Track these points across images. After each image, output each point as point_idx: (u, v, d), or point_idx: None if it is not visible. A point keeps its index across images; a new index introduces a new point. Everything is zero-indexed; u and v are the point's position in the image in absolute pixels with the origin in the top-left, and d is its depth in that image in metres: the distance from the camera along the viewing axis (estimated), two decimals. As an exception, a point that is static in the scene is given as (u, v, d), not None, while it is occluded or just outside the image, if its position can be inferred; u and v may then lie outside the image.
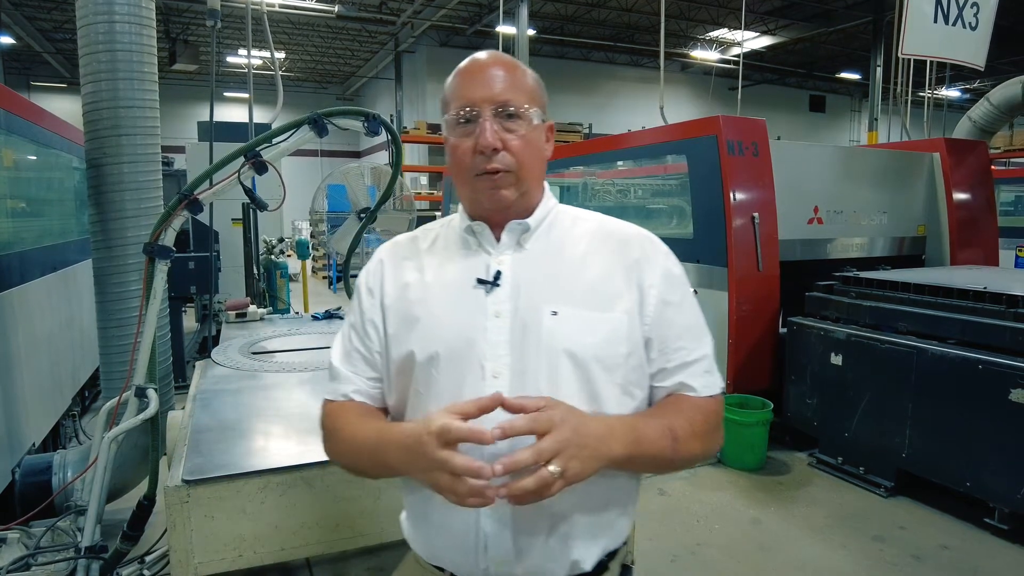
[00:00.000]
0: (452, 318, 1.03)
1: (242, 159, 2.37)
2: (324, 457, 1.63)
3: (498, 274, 1.04)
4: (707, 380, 1.06)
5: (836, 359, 3.88)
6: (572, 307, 1.01)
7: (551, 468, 0.84)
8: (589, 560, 1.03)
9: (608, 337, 1.01)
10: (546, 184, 1.14)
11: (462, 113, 1.02)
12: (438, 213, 10.69)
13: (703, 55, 17.87)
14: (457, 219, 1.13)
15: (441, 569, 1.07)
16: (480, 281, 1.04)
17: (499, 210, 1.06)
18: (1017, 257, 7.31)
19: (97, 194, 2.99)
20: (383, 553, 2.74)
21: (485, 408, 0.90)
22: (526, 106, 1.03)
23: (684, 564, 2.99)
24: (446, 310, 1.04)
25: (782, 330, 4.38)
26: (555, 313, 1.01)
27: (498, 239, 1.07)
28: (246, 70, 5.17)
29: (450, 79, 1.07)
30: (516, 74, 1.05)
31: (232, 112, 17.67)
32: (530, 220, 1.07)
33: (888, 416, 3.59)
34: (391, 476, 1.06)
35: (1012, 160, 16.04)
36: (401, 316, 1.08)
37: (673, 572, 2.92)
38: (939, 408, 3.36)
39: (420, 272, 1.10)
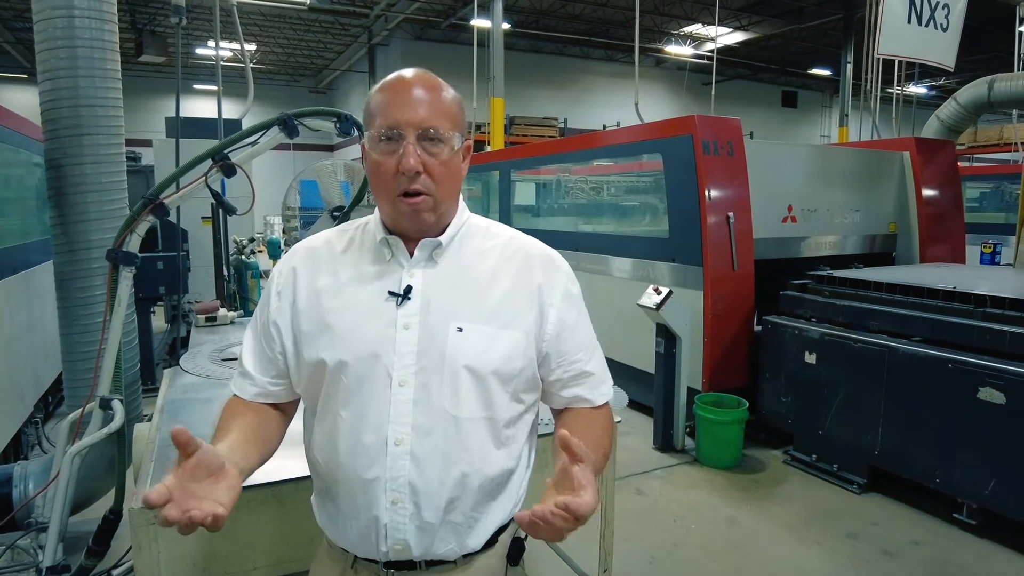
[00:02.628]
0: (363, 328, 1.09)
1: (210, 162, 2.30)
2: (295, 473, 1.62)
3: (409, 288, 1.09)
4: (603, 389, 1.20)
5: (810, 358, 3.93)
6: (476, 323, 1.08)
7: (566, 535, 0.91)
8: (479, 540, 1.13)
9: (507, 354, 1.09)
10: (461, 198, 1.19)
11: (385, 132, 1.05)
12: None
13: (677, 50, 17.98)
14: (372, 225, 1.16)
15: (346, 551, 1.16)
16: (391, 293, 1.09)
17: (417, 231, 1.11)
18: (982, 253, 7.48)
19: (58, 196, 2.88)
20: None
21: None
22: (448, 131, 1.07)
23: (662, 565, 3.00)
24: (358, 319, 1.09)
25: (756, 328, 4.42)
26: (460, 329, 1.07)
27: (411, 253, 1.12)
28: (215, 63, 5.05)
29: (375, 92, 1.10)
30: (440, 97, 1.08)
31: (201, 106, 17.30)
32: (442, 238, 1.12)
33: (861, 414, 3.64)
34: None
35: (975, 156, 16.45)
36: (314, 321, 1.12)
37: (651, 573, 2.93)
38: (910, 406, 3.42)
39: (334, 277, 1.14)
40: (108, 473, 2.85)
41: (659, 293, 4.09)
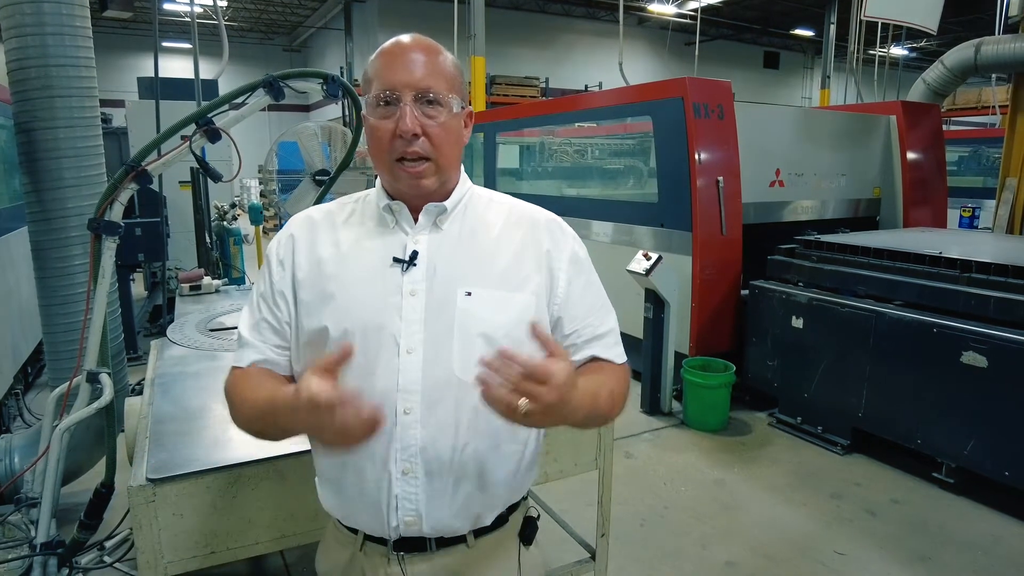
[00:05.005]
0: (368, 295, 1.07)
1: (193, 126, 2.21)
2: (296, 448, 1.60)
3: (414, 254, 1.07)
4: (617, 351, 1.17)
5: (797, 322, 3.97)
6: (485, 288, 1.07)
7: (521, 403, 0.87)
8: (490, 516, 1.13)
9: (518, 316, 1.06)
10: (462, 168, 1.17)
11: (382, 96, 1.03)
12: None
13: (660, 9, 17.65)
14: (374, 195, 1.15)
15: (355, 531, 1.14)
16: (396, 260, 1.07)
17: (419, 197, 1.09)
18: (961, 217, 7.59)
19: (30, 161, 2.77)
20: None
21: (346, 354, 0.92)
22: (446, 93, 1.05)
23: (653, 527, 3.06)
24: (362, 287, 1.08)
25: (743, 292, 4.45)
26: (469, 294, 1.06)
27: (415, 219, 1.10)
28: (186, 18, 4.85)
29: (372, 58, 1.08)
30: (438, 60, 1.06)
31: (172, 65, 16.63)
32: (447, 203, 1.10)
33: (846, 377, 3.71)
34: (290, 437, 1.08)
35: (953, 119, 16.57)
36: (315, 291, 1.10)
37: (643, 535, 2.98)
38: (894, 369, 3.48)
39: (336, 247, 1.12)
40: (95, 445, 2.82)
41: (648, 259, 4.08)
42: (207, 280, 3.35)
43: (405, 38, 1.07)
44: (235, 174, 2.52)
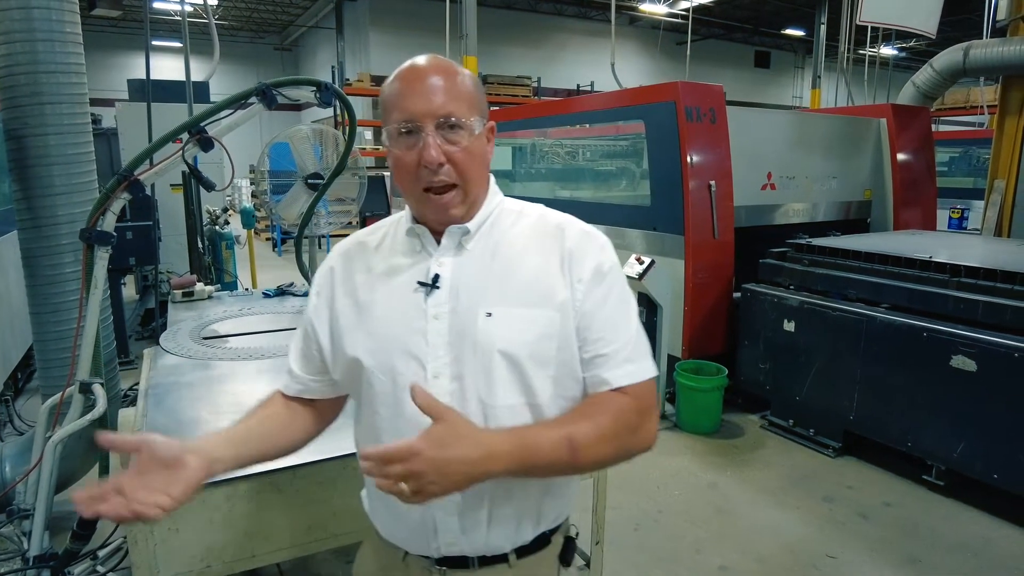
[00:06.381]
0: (395, 321, 1.07)
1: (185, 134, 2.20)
2: (292, 462, 1.59)
3: (436, 277, 1.07)
4: (627, 369, 1.05)
5: (788, 325, 3.99)
6: (506, 306, 1.04)
7: (401, 486, 0.89)
8: (529, 536, 1.12)
9: (541, 334, 1.04)
10: (492, 179, 1.15)
11: (403, 127, 1.02)
12: (386, 173, 10.41)
13: (651, 8, 17.68)
14: (405, 218, 1.15)
15: (397, 547, 1.16)
16: (420, 284, 1.07)
17: (447, 223, 1.08)
18: (951, 218, 7.65)
19: (20, 168, 2.74)
20: (354, 551, 2.72)
21: None
22: (468, 116, 1.03)
23: (647, 531, 3.07)
24: (389, 313, 1.08)
25: (735, 295, 4.47)
26: (489, 315, 1.04)
27: (439, 242, 1.09)
28: (176, 17, 4.82)
29: (389, 84, 1.06)
30: (456, 82, 1.04)
31: (162, 63, 16.56)
32: (470, 224, 1.09)
33: (837, 380, 3.74)
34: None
35: (942, 119, 16.68)
36: (350, 318, 1.12)
37: (638, 540, 3.00)
38: (885, 373, 3.51)
39: (368, 273, 1.13)
40: (87, 453, 2.80)
41: (641, 263, 4.10)
42: (200, 286, 3.33)
43: (420, 61, 1.05)
44: (227, 183, 2.50)
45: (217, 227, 5.70)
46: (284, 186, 4.12)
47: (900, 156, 5.32)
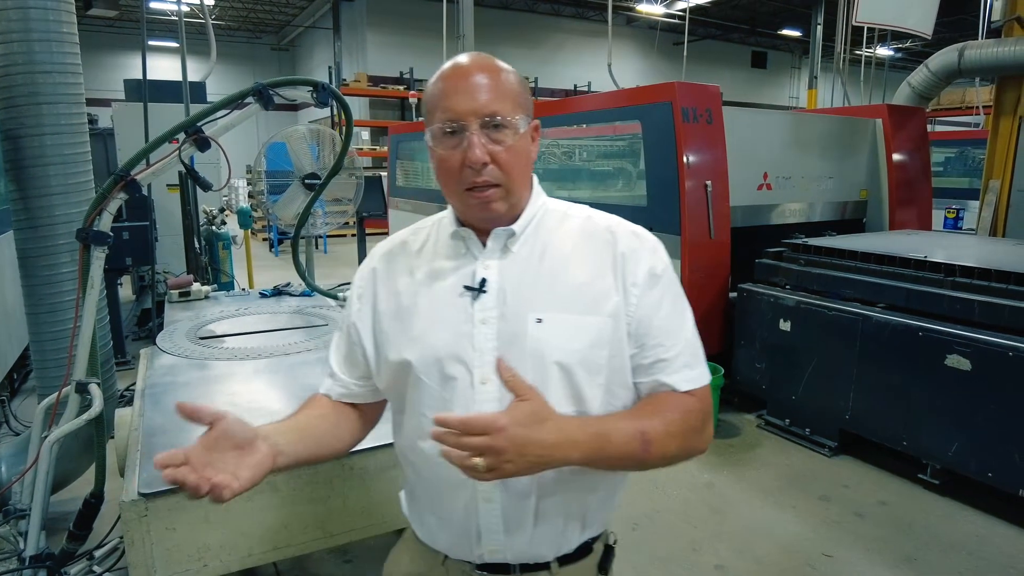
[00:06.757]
0: (441, 325, 1.05)
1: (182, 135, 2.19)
2: (289, 460, 1.60)
3: (483, 281, 1.04)
4: (687, 375, 1.05)
5: (785, 325, 4.00)
6: (557, 312, 1.02)
7: (476, 461, 0.87)
8: (573, 544, 1.11)
9: (592, 341, 1.02)
10: (535, 180, 1.13)
11: (447, 126, 1.00)
12: (383, 174, 10.40)
13: (649, 9, 17.71)
14: (447, 220, 1.13)
15: (437, 550, 1.15)
16: (466, 288, 1.05)
17: (489, 221, 1.06)
18: (946, 218, 7.67)
19: (17, 169, 2.74)
20: (351, 550, 2.73)
21: None
22: (513, 115, 1.01)
23: (646, 531, 3.08)
24: (435, 317, 1.06)
25: (731, 295, 4.48)
26: (540, 320, 1.01)
27: (485, 244, 1.07)
28: (172, 16, 4.82)
29: (432, 84, 1.04)
30: (500, 80, 1.02)
31: (159, 63, 16.49)
32: (515, 226, 1.07)
33: (833, 379, 3.75)
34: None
35: (938, 119, 16.74)
36: (394, 322, 1.11)
37: (636, 540, 3.00)
38: (881, 372, 3.52)
39: (411, 276, 1.12)
40: (83, 454, 2.80)
41: (638, 262, 4.10)
42: (197, 286, 3.33)
43: (464, 60, 1.03)
44: (224, 183, 2.50)
45: (214, 227, 5.70)
46: (281, 186, 4.12)
47: (896, 156, 5.34)
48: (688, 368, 1.05)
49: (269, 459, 0.97)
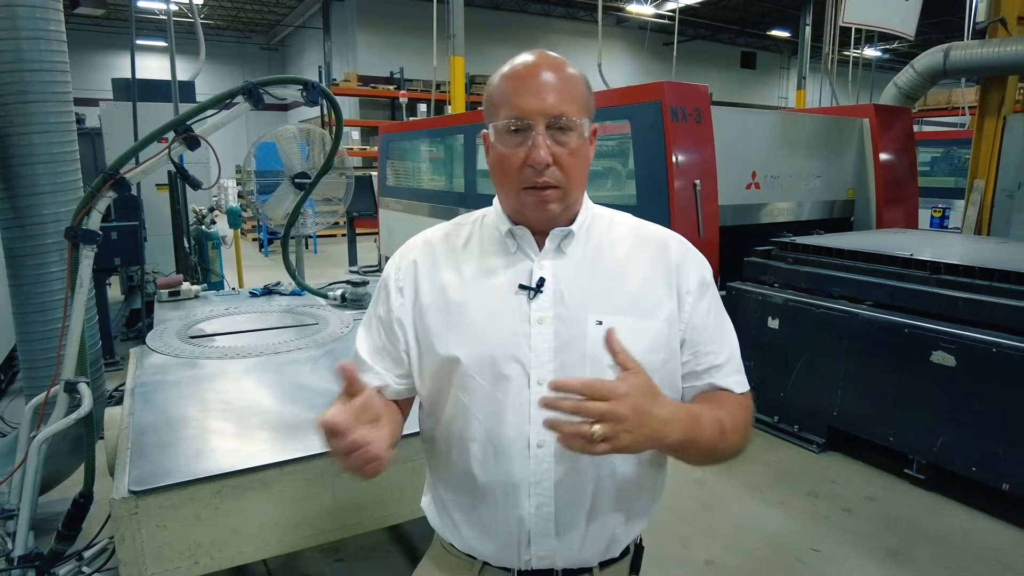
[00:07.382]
0: (495, 324, 1.04)
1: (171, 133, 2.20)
2: (278, 458, 1.61)
3: (541, 280, 1.04)
4: (737, 379, 1.10)
5: (773, 323, 4.04)
6: (616, 315, 1.02)
7: (595, 428, 0.84)
8: (620, 547, 1.12)
9: (650, 345, 1.03)
10: None
11: (513, 124, 0.99)
12: (373, 174, 10.39)
13: (638, 9, 17.77)
14: (492, 218, 1.12)
15: (473, 557, 1.12)
16: (522, 287, 1.04)
17: (544, 222, 1.06)
18: (932, 217, 7.76)
19: (4, 167, 2.72)
20: (342, 548, 2.73)
21: None
22: (579, 117, 1.00)
23: (634, 528, 3.10)
24: (489, 315, 1.05)
25: (720, 293, 4.50)
26: (600, 323, 1.02)
27: (540, 244, 1.07)
28: (161, 16, 4.80)
29: (498, 79, 1.04)
30: (568, 81, 1.01)
31: (147, 63, 16.41)
32: (572, 227, 1.07)
33: (821, 377, 3.78)
34: None
35: (924, 119, 16.90)
36: (442, 318, 1.08)
37: (624, 536, 3.02)
38: (868, 369, 3.56)
39: (458, 272, 1.10)
40: (72, 454, 2.79)
41: (628, 261, 4.12)
42: (186, 286, 3.32)
43: (530, 57, 1.02)
44: (214, 181, 2.51)
45: (203, 227, 5.68)
46: (271, 186, 4.12)
47: (883, 156, 5.39)
48: (738, 372, 1.10)
49: (391, 437, 0.97)
